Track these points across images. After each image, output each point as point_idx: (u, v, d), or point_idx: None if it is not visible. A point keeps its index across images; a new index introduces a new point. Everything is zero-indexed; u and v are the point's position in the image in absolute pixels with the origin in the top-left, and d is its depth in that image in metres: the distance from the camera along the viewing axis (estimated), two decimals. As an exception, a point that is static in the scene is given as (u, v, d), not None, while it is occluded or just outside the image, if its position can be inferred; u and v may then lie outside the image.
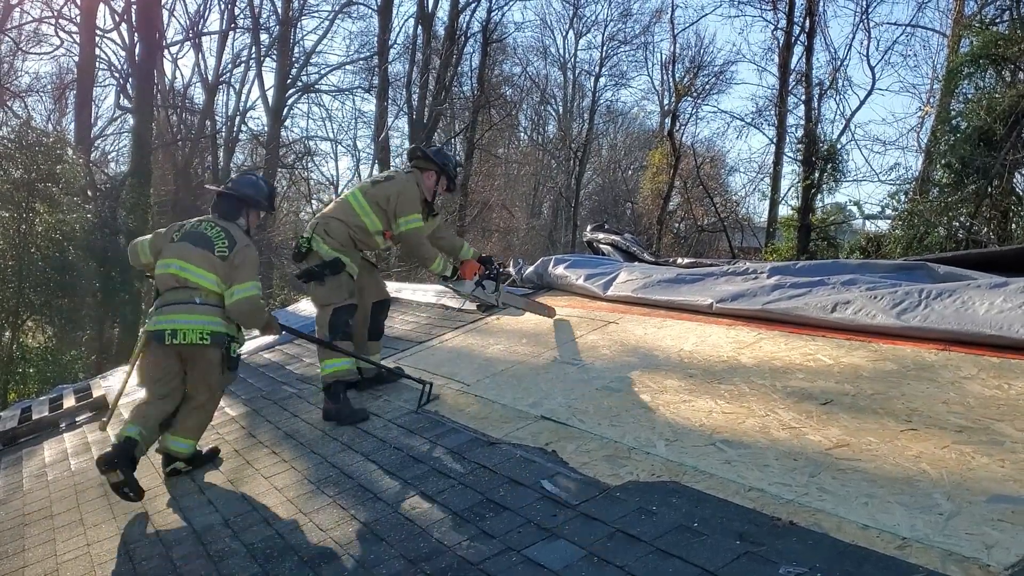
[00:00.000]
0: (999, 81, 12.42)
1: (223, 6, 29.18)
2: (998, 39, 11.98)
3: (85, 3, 22.49)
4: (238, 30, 28.83)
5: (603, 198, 37.26)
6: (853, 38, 43.90)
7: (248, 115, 32.12)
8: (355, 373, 5.21)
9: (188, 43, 29.48)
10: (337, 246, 5.29)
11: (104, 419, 4.93)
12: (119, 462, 4.18)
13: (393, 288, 8.62)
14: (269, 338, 7.17)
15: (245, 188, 4.92)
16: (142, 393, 4.73)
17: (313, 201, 33.91)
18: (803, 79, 20.63)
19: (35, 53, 28.06)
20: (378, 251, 5.69)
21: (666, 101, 34.45)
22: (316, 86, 30.76)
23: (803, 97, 20.64)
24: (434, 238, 5.76)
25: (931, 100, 19.87)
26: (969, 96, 12.80)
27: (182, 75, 50.98)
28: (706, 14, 57.16)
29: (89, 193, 18.95)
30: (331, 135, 36.24)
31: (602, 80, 37.27)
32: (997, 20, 13.46)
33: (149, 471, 4.89)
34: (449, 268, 5.55)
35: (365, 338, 5.66)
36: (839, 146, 19.27)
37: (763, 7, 22.93)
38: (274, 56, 28.50)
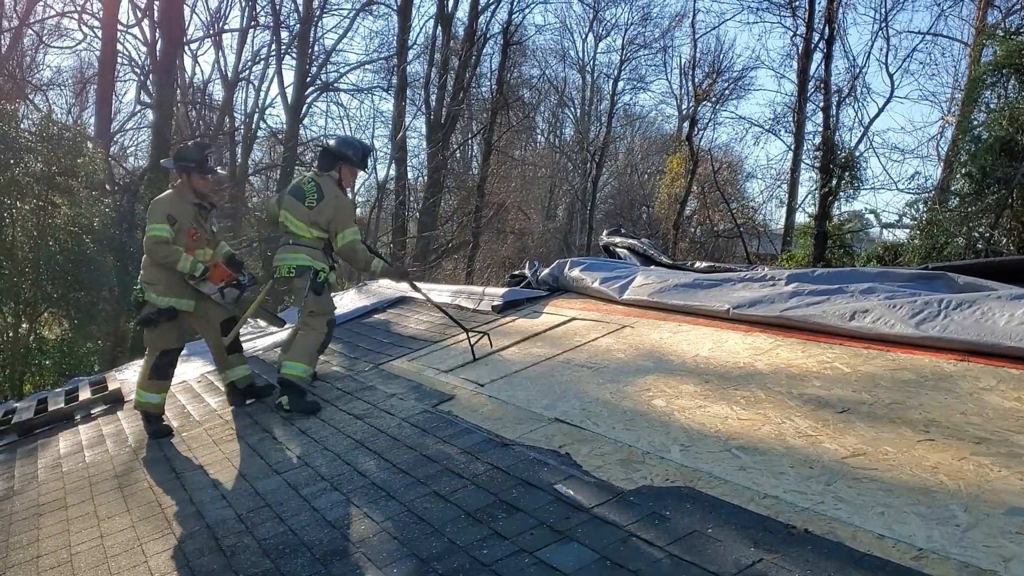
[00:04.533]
0: (1022, 91, 12.29)
1: (244, 3, 29.21)
2: (1022, 48, 11.85)
3: (108, -2, 22.63)
4: (258, 28, 28.99)
5: (619, 202, 37.14)
6: (872, 45, 43.75)
7: (267, 112, 32.31)
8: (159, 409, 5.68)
9: (209, 40, 29.63)
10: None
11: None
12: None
13: (407, 288, 8.62)
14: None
15: (342, 147, 5.72)
16: None
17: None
18: (821, 86, 20.48)
19: (57, 47, 28.23)
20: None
21: (684, 105, 34.42)
22: (335, 85, 30.84)
23: (821, 104, 20.50)
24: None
25: (951, 109, 19.73)
26: (992, 106, 12.67)
27: (202, 71, 51.57)
28: (725, 20, 56.90)
29: (108, 187, 19.04)
30: (349, 134, 36.38)
31: (621, 83, 37.25)
32: (1022, 29, 13.32)
33: (163, 463, 4.93)
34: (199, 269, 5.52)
35: (225, 354, 5.80)
36: (857, 154, 19.14)
37: (782, 14, 22.89)
38: (294, 54, 28.53)
